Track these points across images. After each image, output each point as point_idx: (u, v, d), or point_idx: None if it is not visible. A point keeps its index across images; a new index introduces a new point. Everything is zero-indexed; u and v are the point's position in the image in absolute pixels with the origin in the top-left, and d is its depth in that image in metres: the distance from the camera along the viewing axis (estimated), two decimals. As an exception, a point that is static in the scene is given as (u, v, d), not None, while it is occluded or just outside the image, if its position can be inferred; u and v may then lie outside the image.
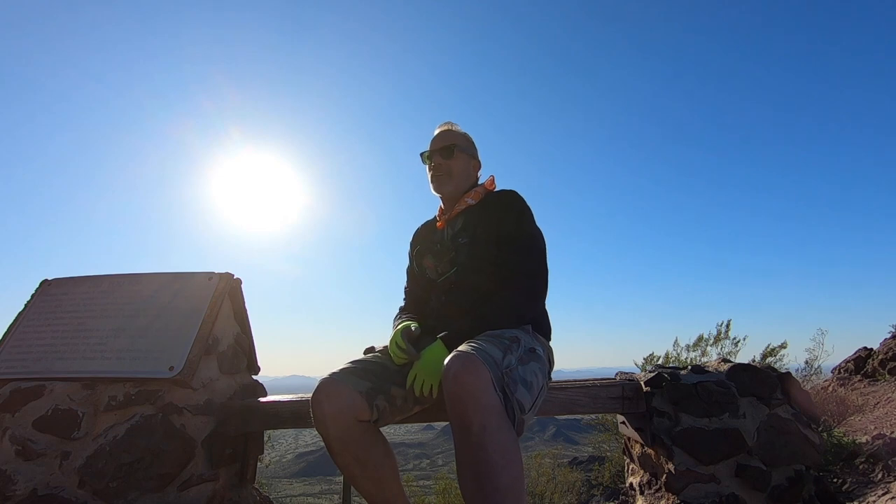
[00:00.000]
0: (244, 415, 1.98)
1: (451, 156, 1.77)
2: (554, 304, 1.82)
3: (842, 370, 4.54)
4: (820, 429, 2.53)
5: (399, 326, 1.61)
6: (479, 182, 1.88)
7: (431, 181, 1.81)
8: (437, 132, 1.84)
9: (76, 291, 2.20)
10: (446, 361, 1.23)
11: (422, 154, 1.84)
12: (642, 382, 1.94)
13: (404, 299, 1.92)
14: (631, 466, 2.26)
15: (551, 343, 1.71)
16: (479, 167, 1.88)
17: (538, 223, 1.68)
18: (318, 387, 1.40)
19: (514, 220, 1.63)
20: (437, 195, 1.84)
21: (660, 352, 5.46)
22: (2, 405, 1.80)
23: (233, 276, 2.20)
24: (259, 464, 2.30)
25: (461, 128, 1.87)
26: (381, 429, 1.52)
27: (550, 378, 1.70)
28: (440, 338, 1.44)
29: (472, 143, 1.88)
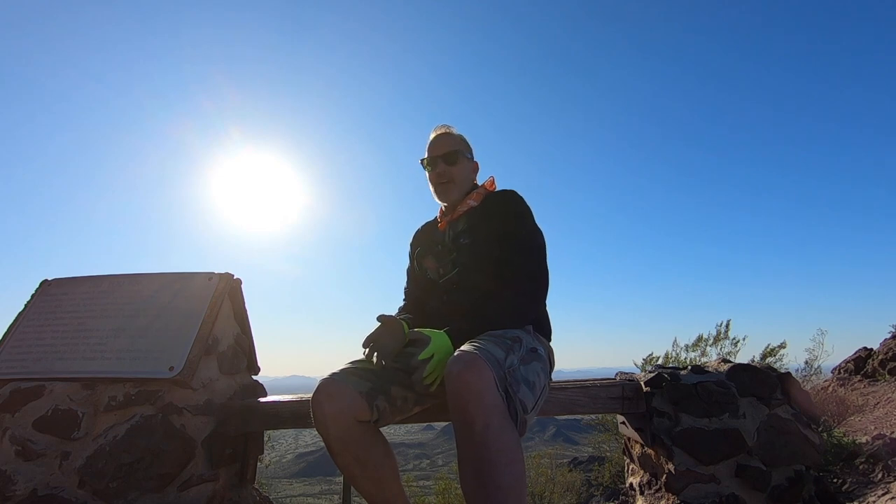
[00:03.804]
0: (244, 415, 1.98)
1: (454, 162, 1.76)
2: (554, 304, 1.82)
3: (842, 370, 4.54)
4: (820, 429, 2.53)
5: (375, 330, 1.57)
6: (478, 183, 1.88)
7: (435, 189, 1.79)
8: (434, 136, 1.82)
9: (76, 291, 2.20)
10: (449, 361, 1.23)
11: (422, 160, 1.82)
12: (642, 383, 1.94)
13: (404, 300, 1.92)
14: (631, 467, 2.26)
15: (552, 343, 1.71)
16: (477, 168, 1.89)
17: (538, 223, 1.68)
18: (318, 387, 1.40)
19: (515, 221, 1.64)
20: (442, 202, 1.83)
21: (659, 352, 5.46)
22: (2, 405, 1.80)
23: (233, 276, 2.20)
24: (259, 464, 2.30)
25: (457, 129, 1.86)
26: (381, 429, 1.52)
27: (551, 378, 1.70)
28: (445, 331, 1.42)
29: (469, 145, 1.87)
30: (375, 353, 1.50)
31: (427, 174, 1.82)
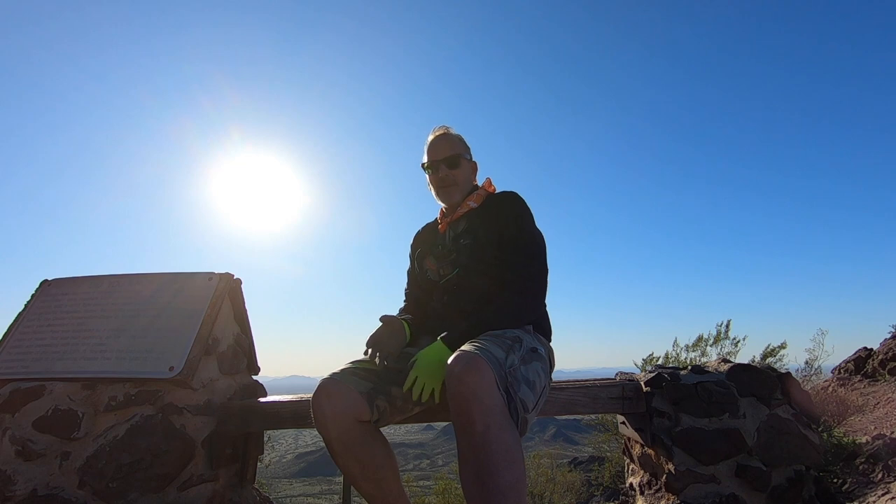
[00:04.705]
0: (244, 415, 1.98)
1: (456, 165, 1.76)
2: (554, 305, 1.82)
3: (842, 370, 4.54)
4: (820, 429, 2.53)
5: (377, 330, 1.60)
6: (478, 182, 1.88)
7: (438, 192, 1.79)
8: (433, 138, 1.81)
9: (76, 292, 2.20)
10: (449, 361, 1.23)
11: (423, 164, 1.81)
12: (642, 382, 1.94)
13: (405, 300, 1.92)
14: (631, 467, 2.26)
15: (552, 343, 1.71)
16: (477, 168, 1.89)
17: (538, 224, 1.69)
18: (318, 387, 1.40)
19: (515, 222, 1.64)
20: (445, 205, 1.83)
21: (660, 352, 5.45)
22: (2, 405, 1.80)
23: (233, 276, 2.20)
24: (259, 464, 2.30)
25: (455, 130, 1.85)
26: (382, 429, 1.53)
27: (551, 378, 1.71)
28: (441, 338, 1.44)
29: (467, 144, 1.87)
30: (377, 354, 1.51)
31: (427, 177, 1.82)
